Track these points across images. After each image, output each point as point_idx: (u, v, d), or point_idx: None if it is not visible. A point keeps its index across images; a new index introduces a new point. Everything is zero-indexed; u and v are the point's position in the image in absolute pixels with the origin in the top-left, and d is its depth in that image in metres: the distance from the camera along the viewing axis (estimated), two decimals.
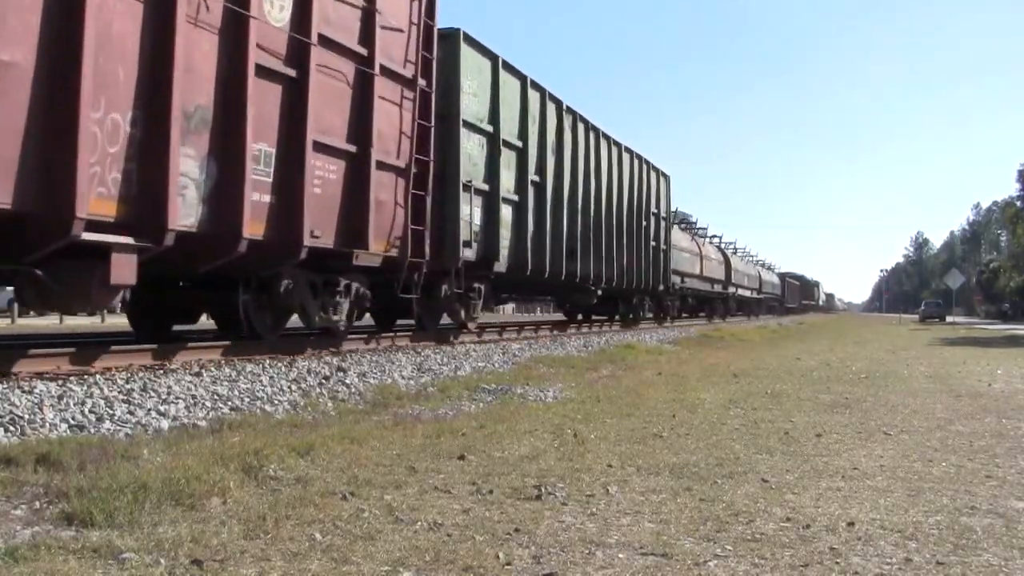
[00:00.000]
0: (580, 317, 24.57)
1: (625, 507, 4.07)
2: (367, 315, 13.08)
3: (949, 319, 55.69)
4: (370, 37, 9.74)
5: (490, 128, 13.89)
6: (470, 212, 13.21)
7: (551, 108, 16.57)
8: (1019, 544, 3.57)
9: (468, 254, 13.19)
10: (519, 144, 15.05)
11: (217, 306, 10.12)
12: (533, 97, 15.62)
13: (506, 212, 14.62)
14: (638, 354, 14.64)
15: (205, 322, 11.26)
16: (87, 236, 6.29)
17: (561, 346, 15.06)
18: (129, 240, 6.74)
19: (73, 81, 6.07)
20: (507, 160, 14.63)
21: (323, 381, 8.07)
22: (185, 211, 7.34)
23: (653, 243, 25.25)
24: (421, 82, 10.96)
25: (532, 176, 15.64)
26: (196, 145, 7.45)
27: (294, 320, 10.34)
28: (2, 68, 5.70)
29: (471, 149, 13.38)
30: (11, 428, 5.11)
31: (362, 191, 9.73)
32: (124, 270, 6.68)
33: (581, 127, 18.48)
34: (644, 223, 24.04)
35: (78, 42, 6.08)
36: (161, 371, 7.37)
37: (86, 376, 6.77)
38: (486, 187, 13.88)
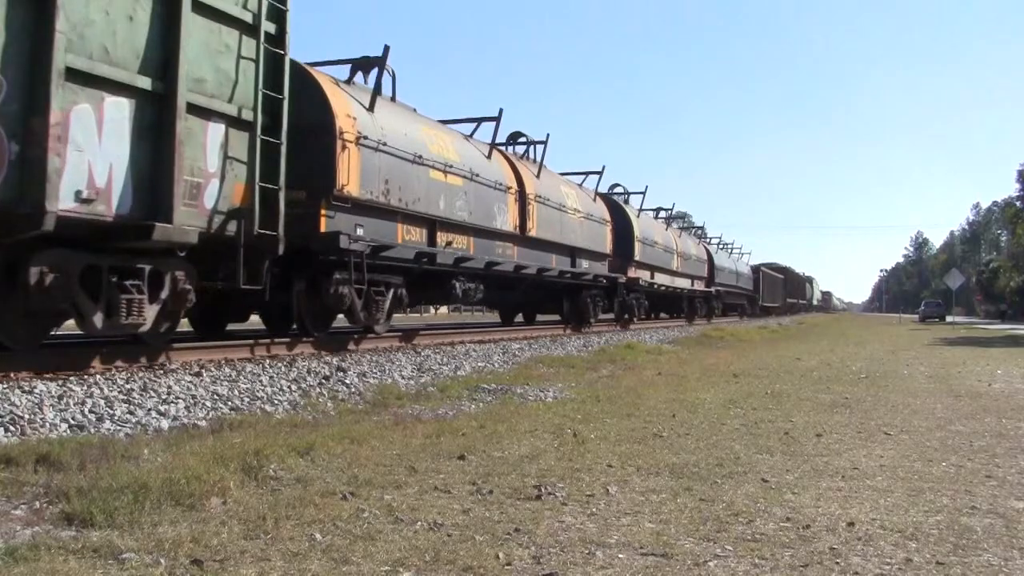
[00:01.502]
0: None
1: (625, 507, 4.07)
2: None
3: (949, 319, 55.71)
4: None
5: None
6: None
7: None
8: (1019, 544, 3.58)
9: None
10: None
11: None
12: None
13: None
14: (638, 354, 14.64)
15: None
16: None
17: (561, 346, 15.07)
18: None
19: None
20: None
21: (323, 381, 8.07)
22: None
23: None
24: None
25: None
26: None
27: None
28: None
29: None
30: (11, 428, 5.11)
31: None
32: None
33: None
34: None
35: None
36: (161, 371, 7.37)
37: (86, 376, 6.77)
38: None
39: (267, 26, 8.43)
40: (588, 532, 3.62)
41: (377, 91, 11.59)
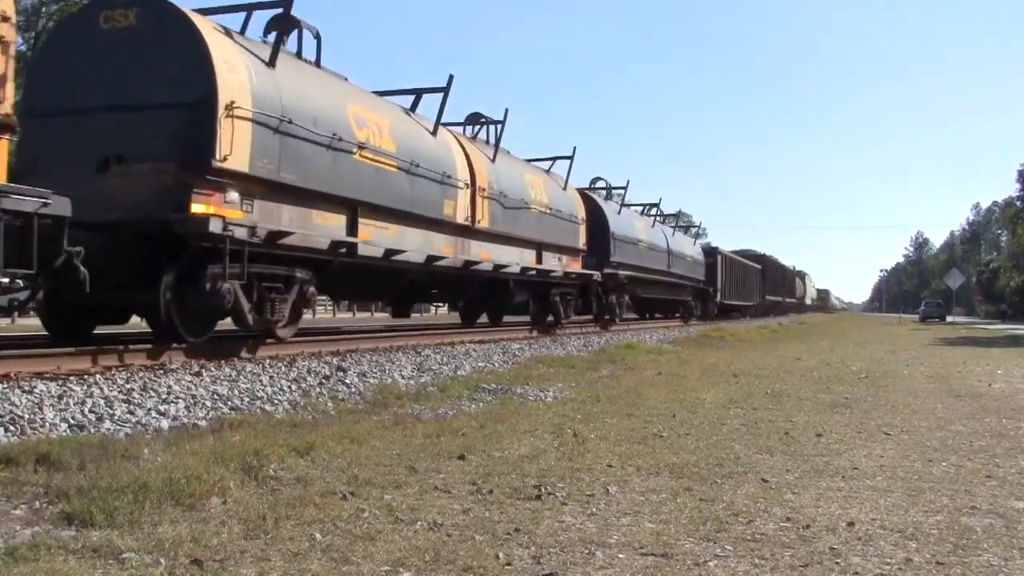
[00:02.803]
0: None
1: (625, 507, 4.07)
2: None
3: (949, 319, 55.67)
4: None
5: None
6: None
7: None
8: (1019, 544, 3.58)
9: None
10: None
11: None
12: None
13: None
14: (638, 354, 14.64)
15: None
16: None
17: (561, 346, 15.07)
18: None
19: None
20: None
21: (323, 381, 8.07)
22: None
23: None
24: None
25: None
26: None
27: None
28: None
29: None
30: (11, 428, 5.11)
31: None
32: None
33: None
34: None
35: None
36: (161, 371, 7.37)
37: (86, 376, 6.77)
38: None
39: None
40: (588, 532, 3.62)
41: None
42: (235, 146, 8.56)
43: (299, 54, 10.55)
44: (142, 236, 8.48)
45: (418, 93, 13.69)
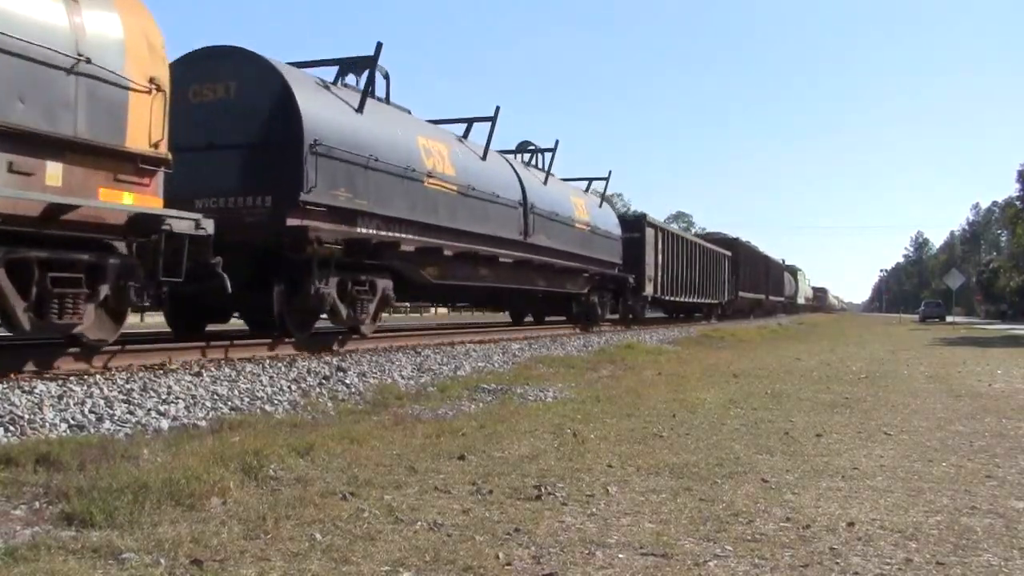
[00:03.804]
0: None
1: (625, 507, 4.07)
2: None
3: (949, 319, 55.69)
4: None
5: None
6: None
7: None
8: (1019, 544, 3.58)
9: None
10: None
11: None
12: None
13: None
14: (638, 354, 14.64)
15: None
16: None
17: (561, 346, 15.06)
18: None
19: None
20: None
21: (323, 381, 8.07)
22: None
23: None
24: None
25: None
26: None
27: None
28: None
29: None
30: (11, 428, 5.11)
31: None
32: None
33: None
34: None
35: None
36: (161, 371, 7.37)
37: (86, 376, 6.77)
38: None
39: None
40: (588, 532, 3.62)
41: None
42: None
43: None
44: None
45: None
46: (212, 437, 5.33)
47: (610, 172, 23.66)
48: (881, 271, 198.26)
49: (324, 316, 10.82)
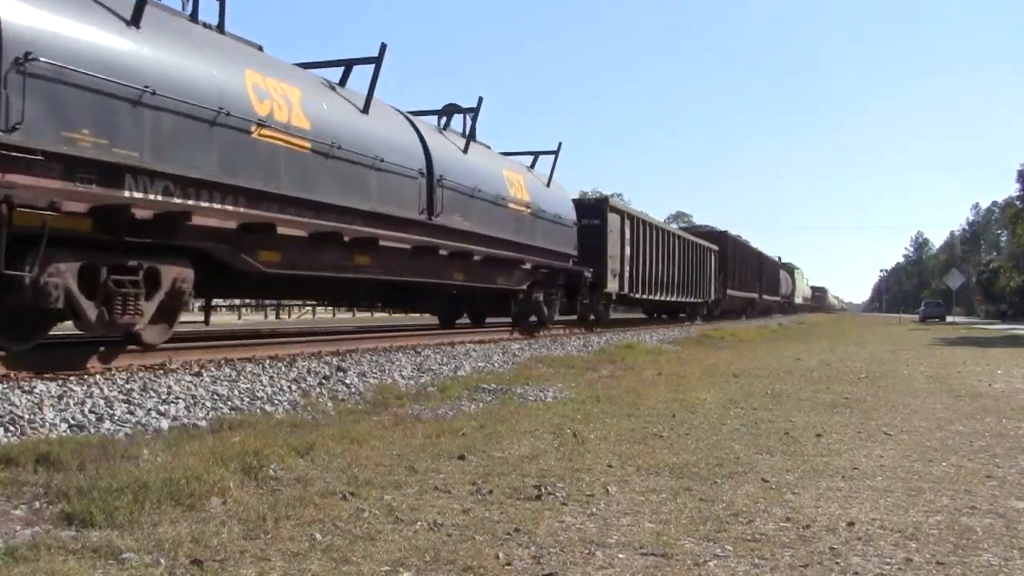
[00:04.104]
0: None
1: (625, 507, 4.07)
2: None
3: (949, 319, 55.69)
4: None
5: None
6: None
7: None
8: (1019, 544, 3.58)
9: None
10: None
11: None
12: None
13: None
14: (638, 354, 14.64)
15: None
16: None
17: (561, 346, 15.07)
18: None
19: None
20: None
21: (323, 381, 8.07)
22: None
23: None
24: None
25: None
26: None
27: None
28: None
29: None
30: (11, 428, 5.11)
31: None
32: None
33: None
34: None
35: None
36: (161, 371, 7.37)
37: (86, 376, 6.77)
38: None
39: None
40: (588, 532, 3.62)
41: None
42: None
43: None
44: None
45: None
46: (212, 437, 5.33)
47: (560, 144, 18.12)
48: (881, 271, 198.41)
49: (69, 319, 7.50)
